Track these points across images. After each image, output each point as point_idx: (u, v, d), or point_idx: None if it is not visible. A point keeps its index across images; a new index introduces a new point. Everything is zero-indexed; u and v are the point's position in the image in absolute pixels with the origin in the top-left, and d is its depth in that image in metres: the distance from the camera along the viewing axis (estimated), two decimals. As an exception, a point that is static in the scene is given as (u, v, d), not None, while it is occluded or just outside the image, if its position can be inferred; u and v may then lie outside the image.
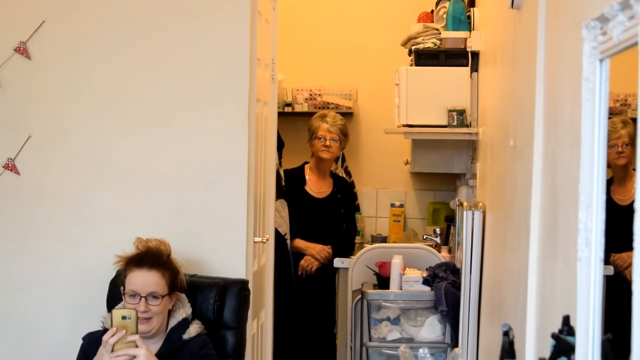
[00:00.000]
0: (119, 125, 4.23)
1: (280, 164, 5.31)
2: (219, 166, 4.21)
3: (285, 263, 5.43)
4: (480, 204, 4.37)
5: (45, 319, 4.21)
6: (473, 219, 4.22)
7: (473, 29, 5.22)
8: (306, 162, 5.89)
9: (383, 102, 6.31)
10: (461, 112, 5.57)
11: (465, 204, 4.68)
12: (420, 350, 4.14)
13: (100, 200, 4.24)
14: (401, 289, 5.07)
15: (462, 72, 5.28)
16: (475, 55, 5.04)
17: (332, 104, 6.55)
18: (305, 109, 6.50)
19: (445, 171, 6.16)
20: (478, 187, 4.99)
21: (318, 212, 5.78)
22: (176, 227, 4.04)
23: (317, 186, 5.85)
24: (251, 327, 4.10)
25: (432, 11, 5.81)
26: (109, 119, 4.19)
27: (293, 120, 6.21)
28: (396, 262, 5.14)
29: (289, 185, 5.56)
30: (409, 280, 5.05)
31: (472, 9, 5.34)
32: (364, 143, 6.72)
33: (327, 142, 5.63)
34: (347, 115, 6.45)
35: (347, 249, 5.76)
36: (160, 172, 4.26)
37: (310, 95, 6.66)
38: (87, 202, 4.25)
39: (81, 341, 3.66)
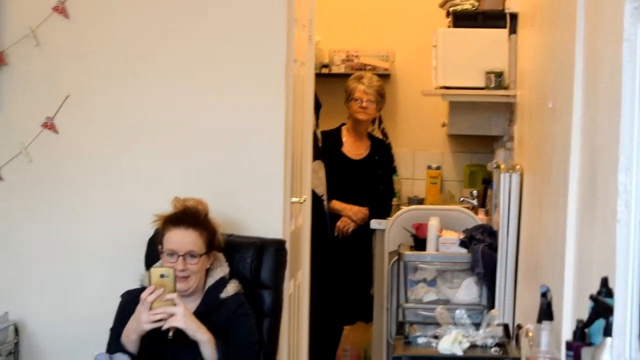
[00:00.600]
0: (156, 84, 4.25)
1: (317, 125, 5.32)
2: (256, 126, 4.22)
3: (322, 224, 5.43)
4: (518, 167, 4.36)
5: (85, 277, 4.28)
6: (510, 181, 4.21)
7: (512, -10, 5.14)
8: (343, 124, 5.89)
9: (420, 63, 6.26)
10: (499, 74, 5.54)
11: (502, 166, 4.66)
12: (457, 311, 3.98)
13: (138, 159, 4.27)
14: (438, 250, 5.10)
15: (500, 34, 5.23)
16: (514, 16, 4.97)
17: (369, 65, 6.52)
18: (342, 71, 6.49)
19: (482, 133, 6.14)
20: (516, 149, 4.96)
21: (355, 173, 5.77)
22: (214, 187, 4.06)
23: (354, 148, 5.83)
24: (288, 287, 4.14)
25: (471, -28, 5.73)
26: (146, 78, 4.23)
27: (330, 82, 6.19)
28: (433, 224, 5.15)
29: (326, 147, 5.56)
30: (445, 242, 5.07)
31: (511, -31, 5.25)
32: (401, 105, 6.69)
33: (364, 104, 5.64)
34: (384, 76, 6.46)
35: (383, 211, 5.77)
36: (199, 131, 4.28)
37: (347, 56, 6.65)
38: (125, 161, 4.29)
39: (120, 299, 3.72)
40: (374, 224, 5.62)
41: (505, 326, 3.64)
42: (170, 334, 3.42)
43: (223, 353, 3.47)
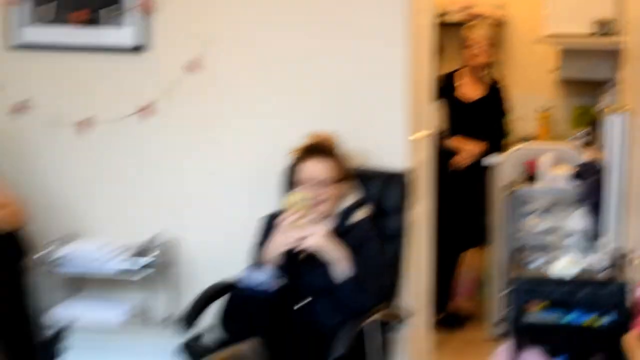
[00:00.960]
0: (297, 29, 4.20)
1: (434, 70, 5.22)
2: (380, 66, 4.15)
3: (440, 160, 5.35)
4: (627, 107, 4.25)
5: (227, 202, 4.35)
6: (619, 122, 4.10)
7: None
8: (458, 69, 5.82)
9: (532, 11, 6.26)
10: (609, 22, 5.49)
11: (610, 108, 4.56)
12: (569, 238, 4.11)
13: (275, 96, 4.27)
14: (548, 185, 5.04)
15: (609, -19, 5.16)
16: (625, -37, 4.82)
17: (483, 13, 6.47)
18: (458, 19, 6.44)
19: (590, 77, 6.08)
20: (623, 92, 4.84)
21: (470, 115, 5.71)
22: (344, 124, 4.03)
23: (469, 91, 5.75)
24: (410, 217, 4.13)
25: None
26: (287, 23, 4.18)
27: (446, 30, 6.02)
28: (544, 159, 5.12)
29: (442, 91, 5.50)
30: (555, 177, 5.01)
31: None
32: (513, 51, 6.62)
33: (476, 51, 5.59)
34: (498, 24, 6.41)
35: (497, 149, 5.67)
36: (331, 75, 4.24)
37: (463, 5, 6.56)
38: (264, 98, 4.29)
39: (259, 223, 3.79)
40: (489, 160, 5.51)
41: (615, 253, 3.61)
42: (302, 255, 3.47)
43: (354, 272, 3.48)
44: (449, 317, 5.74)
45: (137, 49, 4.13)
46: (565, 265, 3.55)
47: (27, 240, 4.08)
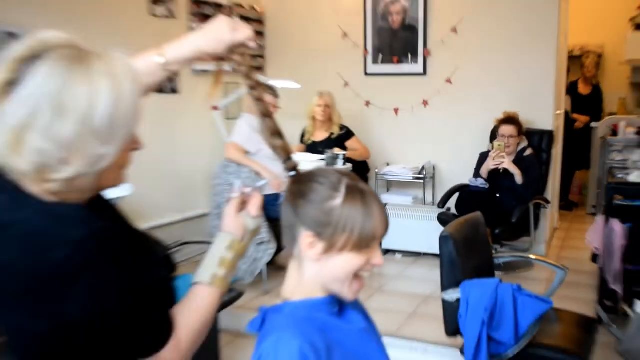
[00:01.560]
0: (487, 48, 4.87)
1: (566, 78, 5.49)
2: (541, 73, 4.70)
3: (567, 124, 5.78)
4: None
5: (465, 144, 5.03)
6: None
7: None
8: (577, 79, 6.45)
9: (618, 48, 6.50)
10: None
11: None
12: (633, 165, 4.46)
13: (487, 92, 4.90)
14: (622, 137, 5.46)
15: None
16: None
17: (591, 50, 6.69)
18: (577, 53, 6.70)
19: None
20: None
21: (583, 102, 6.36)
22: (520, 106, 4.64)
23: (582, 90, 6.43)
24: (553, 153, 4.63)
25: None
26: (482, 46, 4.86)
27: (571, 59, 6.33)
28: (621, 124, 5.65)
29: (568, 89, 5.94)
30: (627, 133, 5.55)
31: None
32: (607, 69, 6.95)
33: (588, 70, 6.37)
34: (599, 55, 6.72)
35: (597, 119, 6.21)
36: (512, 75, 4.81)
37: (581, 46, 6.78)
38: (483, 93, 4.94)
39: (479, 155, 4.46)
40: (592, 124, 6.21)
41: None
42: (501, 170, 4.19)
43: (524, 180, 4.18)
44: (567, 204, 6.51)
45: (423, 73, 5.17)
46: (633, 177, 3.78)
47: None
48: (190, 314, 1.16)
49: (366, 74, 5.29)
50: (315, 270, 1.17)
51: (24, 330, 1.05)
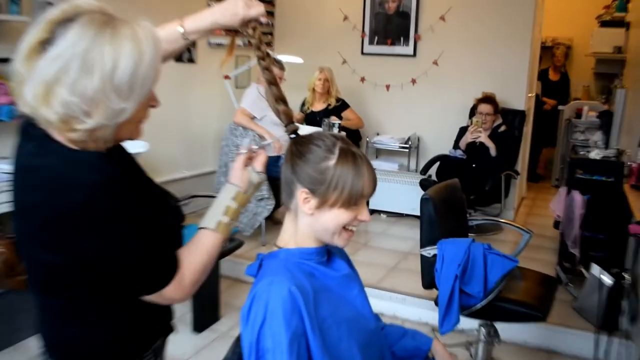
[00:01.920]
0: (466, 39, 4.80)
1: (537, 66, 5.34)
2: (516, 60, 4.66)
3: (537, 106, 5.82)
4: (626, 86, 4.37)
5: (445, 120, 4.95)
6: (622, 93, 3.96)
7: None
8: (548, 67, 6.38)
9: (584, 40, 6.38)
10: (620, 46, 5.60)
11: (618, 85, 4.69)
12: (593, 144, 4.39)
13: (468, 74, 4.85)
14: (585, 120, 5.34)
15: None
16: None
17: (561, 42, 6.61)
18: (549, 44, 6.55)
19: (609, 72, 6.07)
20: (626, 79, 5.01)
21: (553, 87, 6.26)
22: (497, 88, 4.67)
23: (552, 76, 6.35)
24: (524, 131, 4.61)
25: None
26: (464, 38, 4.80)
27: (543, 49, 5.95)
28: (584, 108, 5.55)
29: (539, 75, 5.80)
30: (589, 116, 5.42)
31: None
32: (574, 59, 6.86)
33: (558, 59, 6.25)
34: (568, 47, 6.62)
35: (564, 102, 6.08)
36: (489, 62, 4.78)
37: (552, 37, 6.68)
38: (462, 77, 4.87)
39: (458, 130, 4.43)
40: (559, 107, 6.15)
41: (616, 152, 3.56)
42: (477, 143, 4.15)
43: (497, 153, 4.15)
44: (534, 176, 6.39)
45: (413, 55, 5.08)
46: (593, 154, 3.62)
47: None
48: (195, 255, 1.15)
49: (363, 53, 5.25)
50: (308, 223, 1.18)
51: (42, 263, 1.06)
